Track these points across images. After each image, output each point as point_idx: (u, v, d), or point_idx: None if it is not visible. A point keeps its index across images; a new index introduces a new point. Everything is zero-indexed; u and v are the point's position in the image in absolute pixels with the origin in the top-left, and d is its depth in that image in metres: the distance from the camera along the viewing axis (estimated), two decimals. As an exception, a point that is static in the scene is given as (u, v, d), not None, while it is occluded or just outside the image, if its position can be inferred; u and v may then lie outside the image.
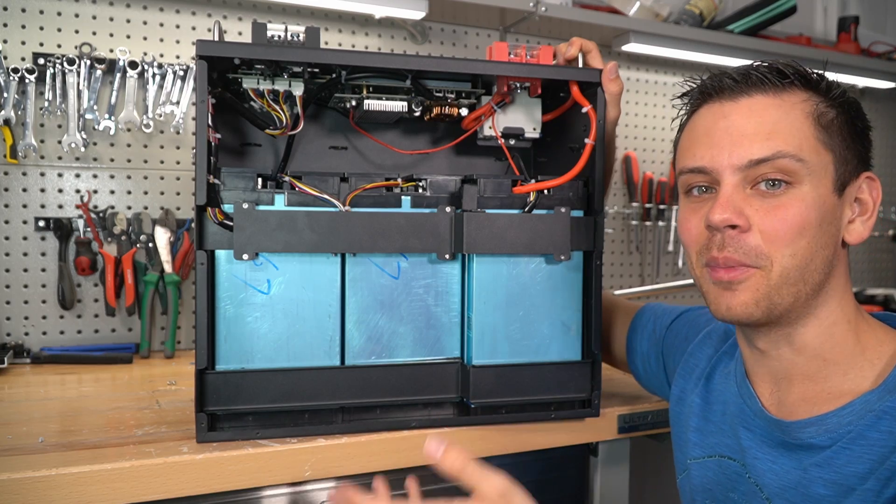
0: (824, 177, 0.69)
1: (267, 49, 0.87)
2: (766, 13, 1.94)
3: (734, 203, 0.68)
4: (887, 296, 2.13)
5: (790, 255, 0.68)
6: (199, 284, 0.86)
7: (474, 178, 0.95)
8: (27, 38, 1.41)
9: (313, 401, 0.91)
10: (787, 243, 0.68)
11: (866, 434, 0.66)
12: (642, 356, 1.02)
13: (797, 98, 0.70)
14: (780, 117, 0.69)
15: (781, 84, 0.70)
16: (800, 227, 0.67)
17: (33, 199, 1.43)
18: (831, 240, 0.69)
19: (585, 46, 0.99)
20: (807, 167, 0.68)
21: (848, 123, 0.71)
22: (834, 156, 0.69)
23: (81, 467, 0.78)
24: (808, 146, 0.68)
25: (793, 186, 0.68)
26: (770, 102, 0.70)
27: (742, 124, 0.70)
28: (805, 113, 0.69)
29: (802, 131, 0.68)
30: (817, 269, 0.69)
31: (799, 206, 0.67)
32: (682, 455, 0.87)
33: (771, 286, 0.68)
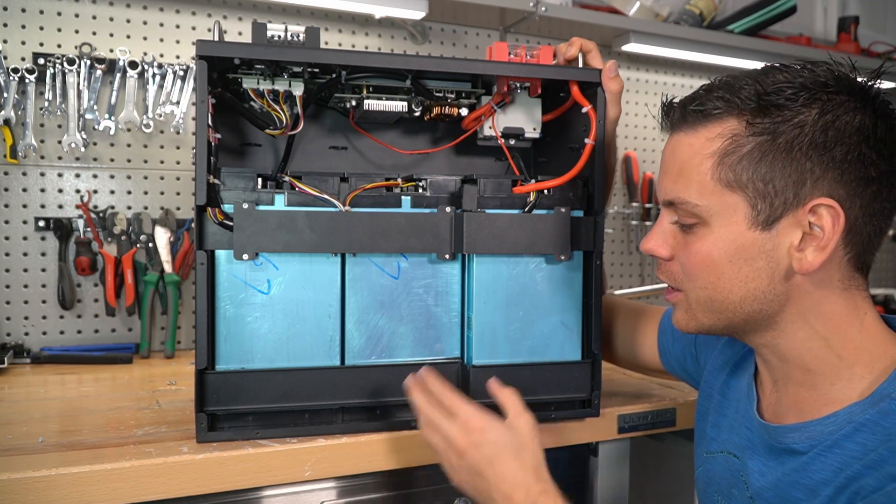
0: (734, 215, 0.68)
1: (267, 49, 0.87)
2: (766, 13, 1.93)
3: (662, 235, 0.75)
4: (887, 296, 2.13)
5: (700, 287, 0.72)
6: (199, 284, 0.86)
7: (474, 178, 0.95)
8: (27, 38, 1.41)
9: (313, 401, 0.91)
10: (694, 277, 0.72)
11: (842, 443, 0.66)
12: (678, 359, 1.01)
13: (711, 133, 0.68)
14: (687, 159, 0.70)
15: (700, 119, 0.69)
16: (704, 264, 0.70)
17: (33, 199, 1.43)
18: (759, 273, 0.68)
19: (585, 46, 0.99)
20: (707, 210, 0.69)
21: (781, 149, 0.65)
22: (746, 193, 0.67)
23: (81, 467, 0.78)
24: (708, 189, 0.68)
25: (699, 226, 0.70)
26: (685, 141, 0.71)
27: (665, 162, 0.74)
28: (709, 153, 0.68)
29: (701, 175, 0.69)
30: (744, 300, 0.70)
31: (702, 245, 0.70)
32: (700, 449, 0.88)
33: (693, 309, 0.74)
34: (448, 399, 0.81)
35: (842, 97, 0.66)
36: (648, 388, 1.18)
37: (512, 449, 0.77)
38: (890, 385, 0.66)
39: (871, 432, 0.64)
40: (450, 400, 0.81)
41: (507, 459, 0.76)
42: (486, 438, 0.77)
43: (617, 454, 1.10)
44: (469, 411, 0.79)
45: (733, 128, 0.67)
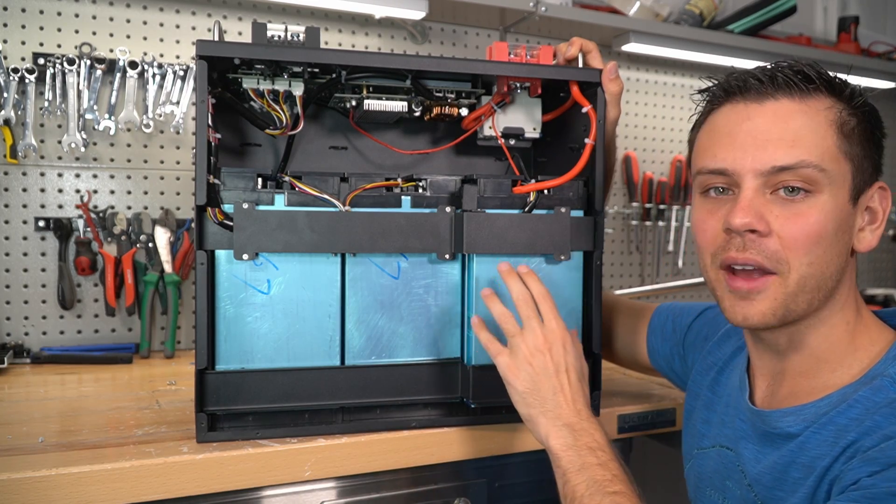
0: (842, 186, 0.69)
1: (267, 49, 0.87)
2: (766, 13, 1.93)
3: (755, 207, 0.69)
4: (887, 296, 2.13)
5: (808, 263, 0.68)
6: (199, 284, 0.86)
7: (474, 178, 0.95)
8: (27, 38, 1.41)
9: (313, 401, 0.91)
10: (805, 251, 0.68)
11: (836, 420, 0.67)
12: (665, 358, 1.02)
13: (822, 104, 0.70)
14: (804, 124, 0.69)
15: (807, 89, 0.70)
16: (818, 235, 0.68)
17: (33, 199, 1.43)
18: (844, 248, 0.70)
19: (585, 46, 0.99)
20: (828, 177, 0.68)
21: (867, 132, 0.71)
22: (852, 165, 0.69)
23: (81, 467, 0.78)
24: (830, 156, 0.68)
25: (812, 195, 0.68)
26: (795, 108, 0.69)
27: (767, 128, 0.69)
28: (829, 121, 0.69)
29: (826, 140, 0.68)
30: (831, 277, 0.70)
31: (818, 215, 0.68)
32: (690, 446, 0.89)
33: (788, 294, 0.69)
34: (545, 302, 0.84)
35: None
36: (648, 388, 1.18)
37: (581, 371, 0.82)
38: (882, 365, 0.68)
39: (864, 407, 0.66)
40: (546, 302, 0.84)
41: (574, 377, 0.81)
42: (568, 349, 0.81)
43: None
44: (561, 322, 0.83)
45: (834, 104, 0.70)
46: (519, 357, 0.80)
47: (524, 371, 0.80)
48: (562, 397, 0.78)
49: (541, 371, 0.79)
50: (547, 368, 0.79)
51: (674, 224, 2.03)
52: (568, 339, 0.82)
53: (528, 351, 0.80)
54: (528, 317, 0.83)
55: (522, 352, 0.80)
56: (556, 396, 0.78)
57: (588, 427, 0.76)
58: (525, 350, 0.80)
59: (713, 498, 0.82)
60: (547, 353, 0.80)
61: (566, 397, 0.78)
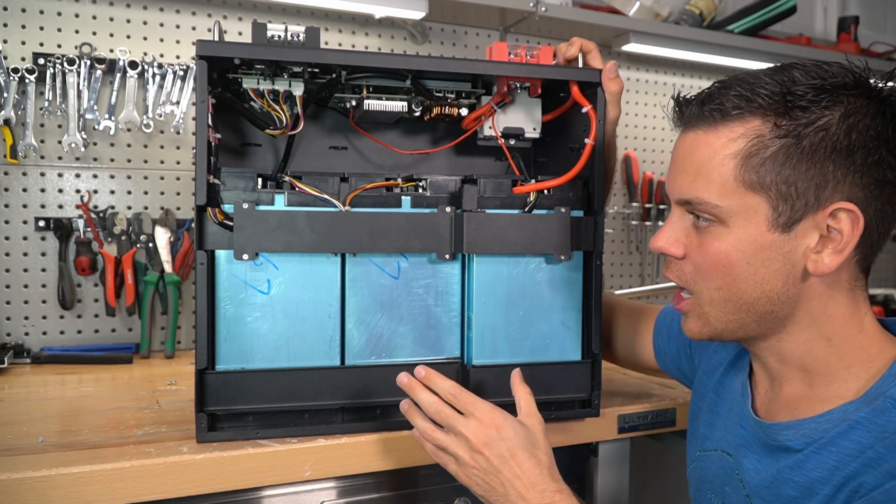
0: (753, 216, 0.67)
1: (267, 49, 0.87)
2: (766, 13, 1.94)
3: (674, 233, 0.73)
4: (887, 296, 2.13)
5: (715, 288, 0.71)
6: (199, 284, 0.86)
7: (474, 178, 0.95)
8: (27, 38, 1.41)
9: (313, 401, 0.91)
10: (710, 278, 0.71)
11: (837, 441, 0.66)
12: (673, 358, 1.01)
13: (734, 133, 0.67)
14: (706, 159, 0.69)
15: (721, 118, 0.68)
16: (720, 265, 0.69)
17: (33, 199, 1.43)
18: (775, 275, 0.68)
19: (585, 46, 0.99)
20: (726, 210, 0.68)
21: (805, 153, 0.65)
22: (768, 195, 0.66)
23: (81, 467, 0.78)
24: (729, 190, 0.67)
25: (717, 225, 0.69)
26: (703, 140, 0.69)
27: (679, 159, 0.72)
28: (732, 153, 0.67)
29: (723, 176, 0.67)
30: (758, 301, 0.69)
31: (720, 245, 0.69)
32: (693, 447, 0.89)
33: (705, 314, 0.72)
34: (461, 395, 0.80)
35: (861, 100, 0.66)
36: (648, 388, 1.18)
37: (527, 446, 0.77)
38: (884, 383, 0.66)
39: (866, 430, 0.64)
40: (463, 396, 0.80)
41: (523, 457, 0.76)
42: (503, 435, 0.77)
43: (617, 454, 1.10)
44: (485, 407, 0.78)
45: (757, 128, 0.66)
46: (463, 464, 0.78)
47: (474, 476, 0.77)
48: (519, 484, 0.75)
49: (487, 471, 0.76)
50: (491, 466, 0.76)
51: (674, 224, 2.03)
52: (498, 421, 0.77)
53: (467, 456, 0.77)
54: (451, 423, 0.79)
55: (463, 459, 0.77)
56: (513, 487, 0.75)
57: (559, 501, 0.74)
58: (464, 455, 0.77)
59: (713, 501, 0.82)
60: (483, 449, 0.76)
61: (523, 483, 0.75)
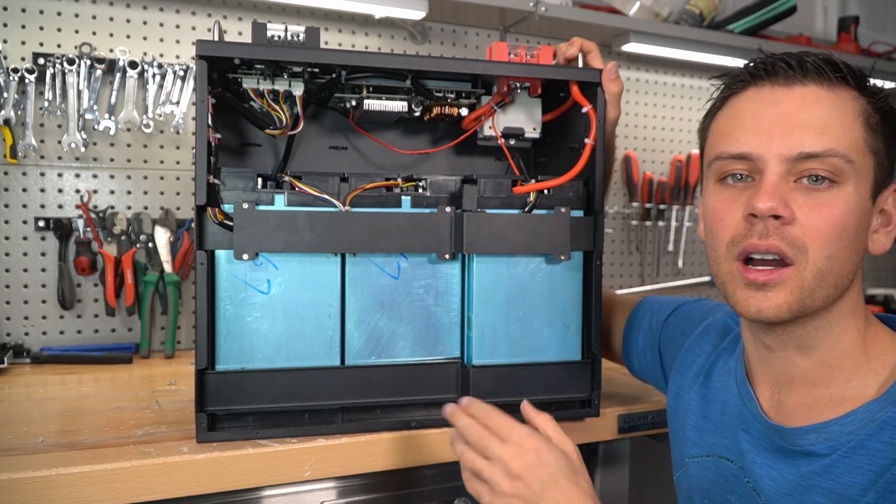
0: (866, 181, 0.67)
1: (267, 49, 0.87)
2: (766, 13, 1.93)
3: (780, 193, 0.66)
4: (887, 296, 2.13)
5: (827, 255, 0.65)
6: (199, 284, 0.86)
7: (474, 178, 0.95)
8: (27, 38, 1.41)
9: (313, 401, 0.91)
10: (827, 243, 0.65)
11: (867, 444, 0.64)
12: (637, 351, 1.01)
13: (849, 95, 0.68)
14: (833, 112, 0.67)
15: (835, 78, 0.68)
16: (840, 228, 0.65)
17: (33, 199, 1.43)
18: (862, 246, 0.69)
19: (586, 46, 0.99)
20: (854, 169, 0.66)
21: (888, 130, 0.69)
22: (875, 161, 0.67)
23: (81, 467, 0.78)
24: (857, 147, 0.66)
25: (837, 185, 0.66)
26: (824, 95, 0.67)
27: (795, 113, 0.67)
28: (857, 111, 0.67)
29: (854, 130, 0.66)
30: (847, 275, 0.68)
31: (843, 207, 0.65)
32: (680, 453, 0.86)
33: (804, 287, 0.66)
34: (498, 421, 0.74)
35: None
36: (648, 389, 1.18)
37: (569, 473, 0.71)
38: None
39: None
40: (500, 421, 0.74)
41: (566, 484, 0.70)
42: (543, 460, 0.71)
43: (617, 454, 1.10)
44: (523, 431, 0.73)
45: (859, 97, 0.68)
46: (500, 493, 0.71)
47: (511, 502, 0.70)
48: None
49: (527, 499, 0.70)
50: (532, 492, 0.69)
51: (674, 224, 2.03)
52: (537, 445, 0.72)
53: (506, 482, 0.70)
54: (485, 445, 0.73)
55: (501, 486, 0.71)
56: None
57: None
58: (502, 481, 0.71)
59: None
60: (523, 475, 0.70)
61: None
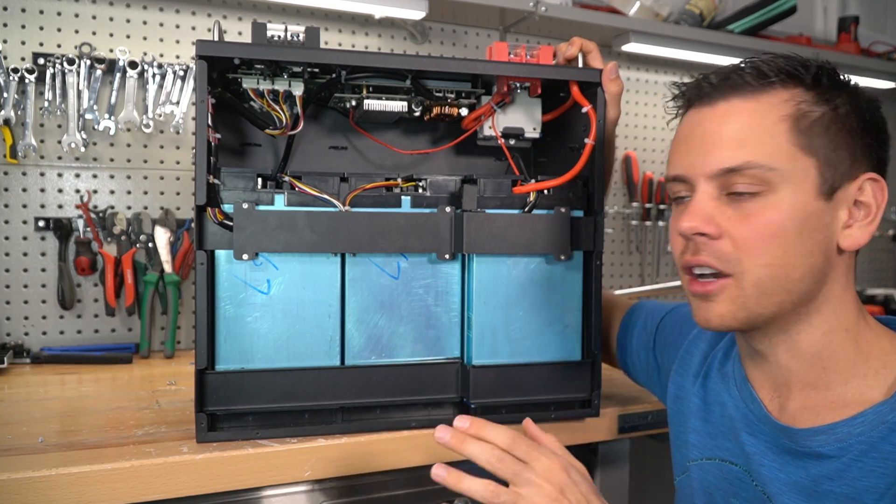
0: (804, 182, 0.66)
1: (267, 49, 0.87)
2: (766, 13, 1.93)
3: (704, 211, 0.68)
4: (887, 296, 2.13)
5: (763, 264, 0.66)
6: (199, 284, 0.86)
7: (474, 178, 0.95)
8: (27, 38, 1.41)
9: (313, 401, 0.91)
10: (759, 252, 0.66)
11: (879, 446, 0.64)
12: (632, 352, 1.01)
13: (777, 99, 0.67)
14: (754, 123, 0.67)
15: (760, 85, 0.68)
16: (772, 235, 0.66)
17: (33, 199, 1.43)
18: (818, 247, 0.67)
19: (586, 46, 0.99)
20: (781, 175, 0.66)
21: (840, 121, 0.67)
22: (817, 159, 0.66)
23: (81, 467, 0.78)
24: (783, 153, 0.66)
25: (764, 195, 0.66)
26: (745, 107, 0.68)
27: (715, 130, 0.69)
28: (781, 116, 0.67)
29: (776, 137, 0.66)
30: (802, 279, 0.67)
31: (771, 214, 0.66)
32: (682, 456, 0.86)
33: (745, 296, 0.67)
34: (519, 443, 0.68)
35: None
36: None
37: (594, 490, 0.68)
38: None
39: None
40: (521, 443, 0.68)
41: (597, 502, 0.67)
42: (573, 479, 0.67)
43: (617, 454, 1.10)
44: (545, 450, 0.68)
45: (800, 94, 0.67)
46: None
47: None
48: None
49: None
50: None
51: (674, 224, 2.03)
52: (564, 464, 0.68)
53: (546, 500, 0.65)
54: (518, 471, 0.66)
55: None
56: None
57: None
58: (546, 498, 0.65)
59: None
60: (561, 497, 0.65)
61: None
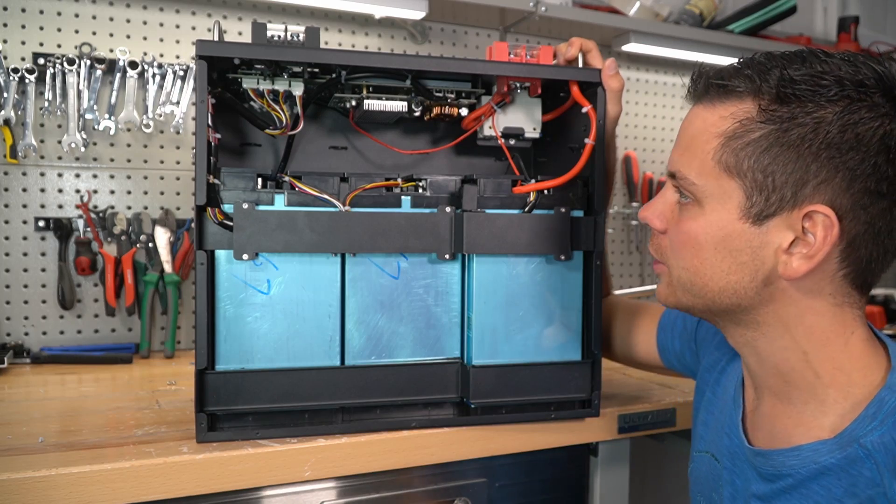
0: (726, 202, 0.66)
1: (267, 49, 0.87)
2: (766, 13, 1.93)
3: (659, 207, 0.73)
4: (887, 296, 2.12)
5: (682, 267, 0.71)
6: (199, 284, 0.86)
7: (474, 178, 0.95)
8: (27, 38, 1.41)
9: (313, 401, 0.91)
10: (678, 256, 0.71)
11: (808, 484, 0.64)
12: (677, 354, 1.00)
13: (726, 112, 0.65)
14: (697, 133, 0.68)
15: (718, 94, 0.67)
16: (689, 244, 0.69)
17: (33, 199, 1.43)
18: (742, 268, 0.66)
19: (585, 46, 0.99)
20: (702, 191, 0.67)
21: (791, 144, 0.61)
22: (744, 182, 0.64)
23: (81, 467, 0.78)
24: (707, 170, 0.66)
25: (694, 204, 0.69)
26: (701, 115, 0.69)
27: (680, 132, 0.72)
28: (717, 133, 0.65)
29: (705, 153, 0.66)
30: (722, 292, 0.68)
31: (692, 225, 0.69)
32: (692, 446, 0.88)
33: (673, 286, 0.73)
34: None
35: (876, 99, 0.61)
36: (648, 389, 1.18)
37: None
38: (859, 427, 0.62)
39: (837, 478, 0.62)
40: None
41: None
42: None
43: (617, 454, 1.10)
44: None
45: (747, 110, 0.64)
46: None
47: None
48: None
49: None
50: None
51: (674, 224, 2.03)
52: None
53: None
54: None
55: None
56: None
57: None
58: None
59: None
60: None
61: None
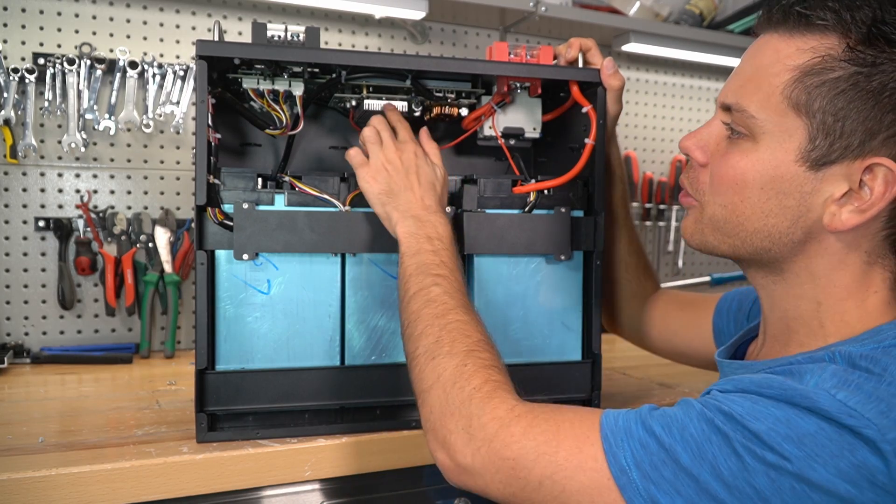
0: (786, 142, 0.63)
1: (267, 49, 0.87)
2: (766, 13, 1.93)
3: (703, 138, 0.70)
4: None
5: (720, 204, 0.68)
6: (199, 284, 0.86)
7: (474, 178, 0.95)
8: (27, 38, 1.41)
9: (313, 401, 0.91)
10: (720, 192, 0.68)
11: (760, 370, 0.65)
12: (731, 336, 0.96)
13: (807, 44, 0.61)
14: (765, 65, 0.64)
15: (799, 25, 0.62)
16: (734, 181, 0.66)
17: (33, 199, 1.43)
18: (785, 212, 0.64)
19: (584, 45, 0.99)
20: (761, 126, 0.63)
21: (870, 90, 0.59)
22: (811, 122, 0.61)
23: (81, 467, 0.78)
24: (772, 105, 0.63)
25: (748, 139, 0.65)
26: (773, 44, 0.64)
27: (743, 61, 0.68)
28: (791, 66, 0.62)
29: (773, 87, 0.62)
30: (756, 234, 0.66)
31: (740, 161, 0.65)
32: None
33: (703, 224, 0.71)
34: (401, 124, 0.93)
35: None
36: (649, 389, 1.18)
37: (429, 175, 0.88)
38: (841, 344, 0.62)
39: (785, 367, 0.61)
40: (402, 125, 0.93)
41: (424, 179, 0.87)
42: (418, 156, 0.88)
43: (617, 454, 1.10)
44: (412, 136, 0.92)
45: (830, 46, 0.60)
46: (376, 165, 0.87)
47: (380, 174, 0.87)
48: (411, 194, 0.85)
49: (393, 173, 0.86)
50: (398, 171, 0.86)
51: (674, 224, 2.03)
52: (419, 150, 0.90)
53: (383, 158, 0.87)
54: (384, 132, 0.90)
55: (379, 159, 0.88)
56: (406, 193, 0.85)
57: (432, 219, 0.83)
58: (381, 157, 0.88)
59: None
60: (398, 159, 0.87)
61: (415, 194, 0.85)
